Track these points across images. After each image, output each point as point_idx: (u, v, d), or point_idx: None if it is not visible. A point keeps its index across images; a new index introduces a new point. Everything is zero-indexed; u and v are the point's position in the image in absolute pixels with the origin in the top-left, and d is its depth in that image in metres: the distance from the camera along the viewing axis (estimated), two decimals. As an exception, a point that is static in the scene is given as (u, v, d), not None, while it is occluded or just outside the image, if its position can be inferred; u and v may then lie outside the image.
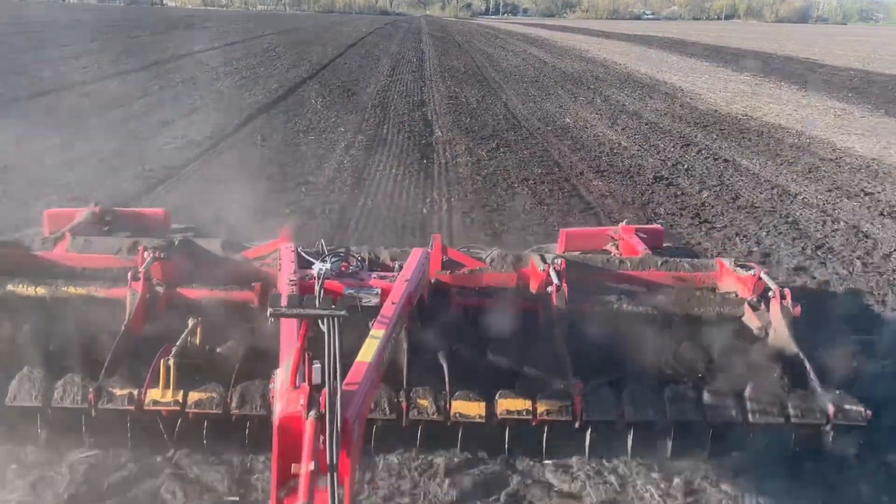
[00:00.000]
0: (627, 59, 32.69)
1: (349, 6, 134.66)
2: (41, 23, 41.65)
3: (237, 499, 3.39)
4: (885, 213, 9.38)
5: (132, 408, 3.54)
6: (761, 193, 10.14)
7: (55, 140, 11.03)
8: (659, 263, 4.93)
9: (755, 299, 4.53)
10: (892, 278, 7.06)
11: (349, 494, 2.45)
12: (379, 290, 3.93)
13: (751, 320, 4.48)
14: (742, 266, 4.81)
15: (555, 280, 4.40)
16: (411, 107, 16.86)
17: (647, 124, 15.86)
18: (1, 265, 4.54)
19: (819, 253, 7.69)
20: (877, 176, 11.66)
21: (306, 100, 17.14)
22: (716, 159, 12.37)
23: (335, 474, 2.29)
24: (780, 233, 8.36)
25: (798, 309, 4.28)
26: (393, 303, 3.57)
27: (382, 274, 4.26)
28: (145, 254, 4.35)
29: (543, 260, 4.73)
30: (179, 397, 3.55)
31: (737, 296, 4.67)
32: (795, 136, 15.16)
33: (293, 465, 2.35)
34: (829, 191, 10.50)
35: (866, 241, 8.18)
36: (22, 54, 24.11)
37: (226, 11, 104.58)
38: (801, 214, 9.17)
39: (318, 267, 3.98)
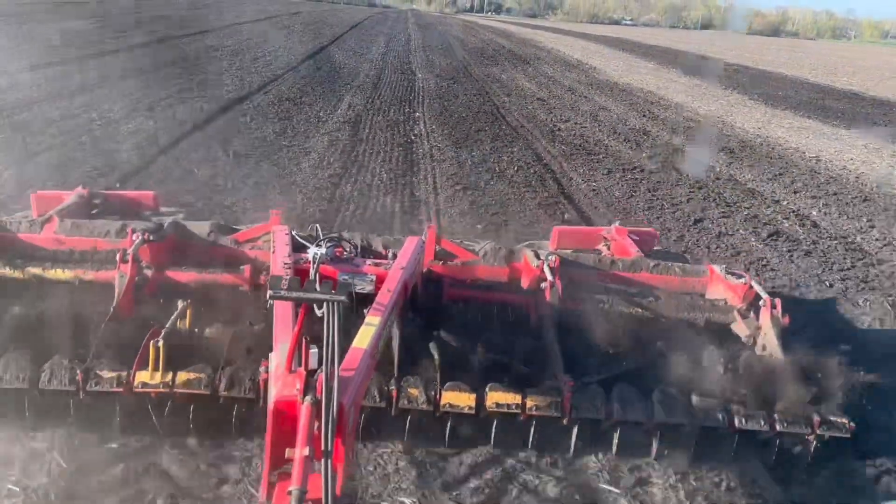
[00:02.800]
0: (570, 50, 41.57)
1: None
2: None
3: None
4: (646, 116, 18.24)
5: (121, 390, 3.50)
6: (587, 108, 18.93)
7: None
8: (650, 266, 4.93)
9: (745, 307, 4.54)
10: (625, 130, 15.84)
11: (342, 481, 2.44)
12: (373, 278, 3.93)
13: (740, 328, 4.49)
14: (733, 274, 4.80)
15: (548, 276, 4.40)
16: (402, 62, 25.71)
17: (554, 82, 24.65)
18: None
19: (594, 122, 16.50)
20: (668, 109, 20.51)
21: (333, 55, 25.89)
22: (579, 96, 21.20)
23: (329, 460, 2.29)
24: (585, 118, 17.17)
25: (787, 318, 4.28)
26: (389, 290, 3.61)
27: (377, 261, 4.30)
28: (134, 236, 4.28)
29: (537, 256, 4.78)
30: (168, 379, 3.51)
31: (726, 303, 4.67)
32: (646, 93, 23.98)
33: (287, 449, 2.36)
34: (630, 110, 19.33)
35: (622, 124, 17.00)
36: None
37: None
38: (601, 115, 17.97)
39: (313, 251, 4.03)
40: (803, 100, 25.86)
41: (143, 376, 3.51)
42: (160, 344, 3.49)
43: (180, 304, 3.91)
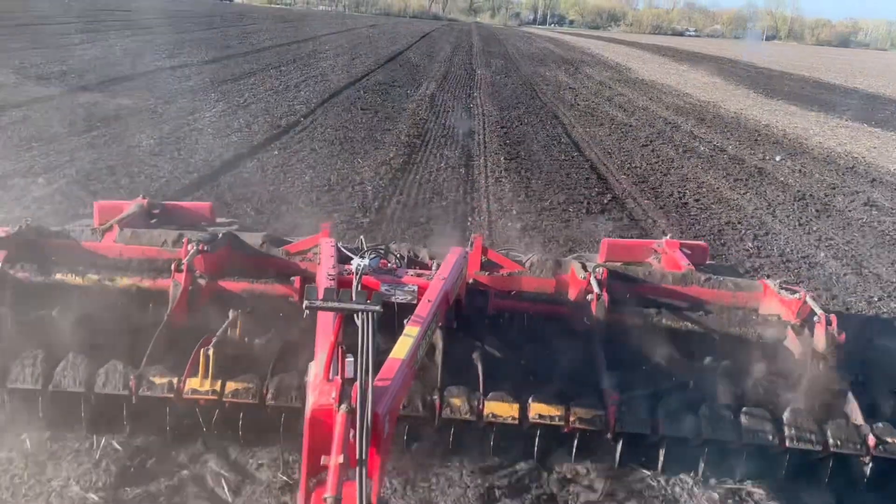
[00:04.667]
0: (614, 55, 47.04)
1: (404, 10, 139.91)
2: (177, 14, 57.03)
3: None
4: (651, 100, 23.73)
5: (171, 396, 3.63)
6: (608, 94, 24.52)
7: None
8: (701, 280, 4.90)
9: (799, 323, 4.47)
10: (629, 107, 21.43)
11: (377, 489, 2.47)
12: (415, 288, 4.05)
13: (793, 344, 4.41)
14: (787, 289, 4.77)
15: (595, 289, 4.38)
16: (464, 62, 31.92)
17: (588, 78, 30.34)
18: (51, 254, 4.67)
19: (607, 102, 22.13)
20: (674, 96, 25.93)
21: (409, 57, 32.19)
22: (605, 87, 26.84)
23: (364, 469, 2.34)
24: (602, 99, 22.79)
25: (843, 336, 4.17)
26: (429, 301, 3.67)
27: (420, 272, 4.38)
28: (189, 246, 4.39)
29: (584, 268, 4.76)
30: (217, 387, 3.63)
31: (780, 318, 4.63)
32: (663, 86, 29.41)
33: (323, 457, 2.41)
34: (641, 96, 24.83)
35: (629, 104, 22.55)
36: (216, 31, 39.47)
37: (296, 10, 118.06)
38: (616, 98, 23.55)
39: (356, 262, 4.17)
40: (803, 94, 30.81)
41: (192, 383, 3.64)
42: (210, 352, 3.61)
43: (231, 313, 4.00)
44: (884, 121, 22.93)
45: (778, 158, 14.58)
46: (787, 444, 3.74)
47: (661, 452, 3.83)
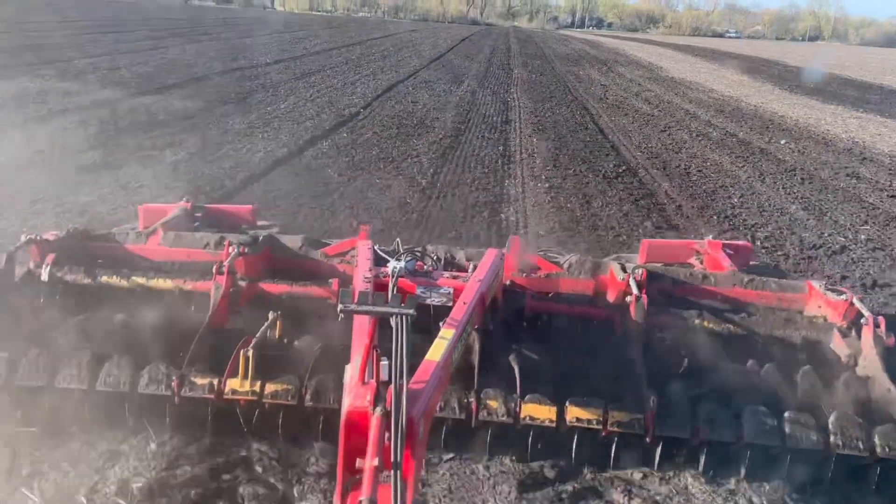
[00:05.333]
0: (644, 55, 48.71)
1: (442, 16, 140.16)
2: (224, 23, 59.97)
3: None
4: (678, 95, 25.53)
5: (212, 396, 3.71)
6: (636, 90, 26.36)
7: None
8: (745, 281, 4.82)
9: (845, 325, 4.39)
10: (655, 100, 23.29)
11: (412, 492, 2.49)
12: (450, 290, 4.07)
13: (839, 347, 4.33)
14: (833, 290, 4.68)
15: (634, 290, 4.35)
16: (502, 63, 34.03)
17: (620, 76, 32.18)
18: (97, 257, 4.84)
19: (634, 96, 24.02)
20: (701, 92, 27.65)
21: (451, 60, 34.41)
22: (635, 84, 28.68)
23: (399, 471, 2.36)
24: (629, 94, 24.69)
25: (893, 339, 4.10)
26: (464, 303, 3.69)
27: (455, 274, 4.41)
28: (230, 248, 4.49)
29: (623, 269, 4.69)
30: (257, 388, 3.70)
31: (825, 320, 4.56)
32: (691, 83, 31.11)
33: (358, 459, 2.44)
34: (668, 92, 26.62)
35: (656, 98, 24.40)
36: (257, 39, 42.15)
37: (338, 16, 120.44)
38: (644, 94, 25.39)
39: (392, 265, 4.20)
40: (828, 90, 32.11)
41: (233, 384, 3.71)
42: (250, 353, 3.69)
43: (271, 315, 4.05)
44: (898, 113, 24.40)
45: (783, 142, 16.36)
46: (833, 449, 3.68)
47: (702, 457, 3.80)
